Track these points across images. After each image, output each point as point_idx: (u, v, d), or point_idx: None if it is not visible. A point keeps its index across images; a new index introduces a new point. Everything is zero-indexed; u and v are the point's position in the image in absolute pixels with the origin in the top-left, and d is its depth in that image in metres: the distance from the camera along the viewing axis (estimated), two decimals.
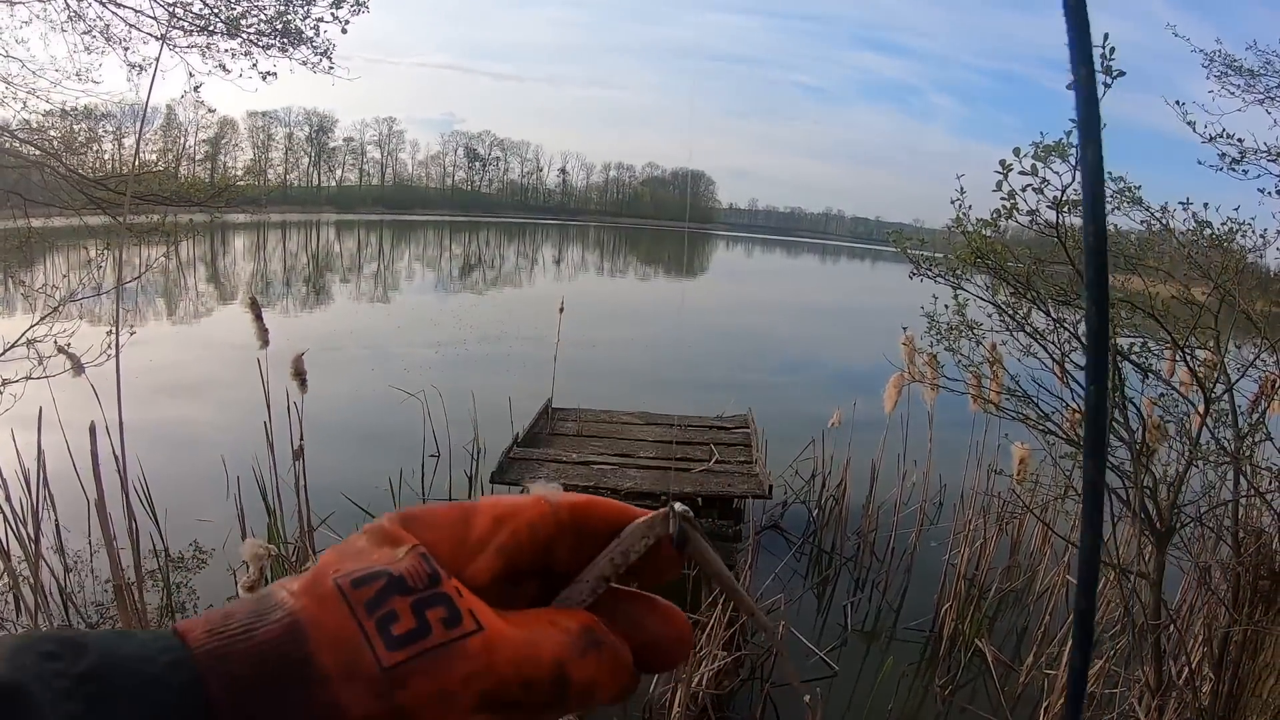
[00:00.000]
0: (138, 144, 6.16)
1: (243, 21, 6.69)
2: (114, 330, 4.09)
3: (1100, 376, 0.39)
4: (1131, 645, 3.71)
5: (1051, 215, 2.85)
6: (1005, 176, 2.74)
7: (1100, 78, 2.23)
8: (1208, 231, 3.28)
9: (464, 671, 0.31)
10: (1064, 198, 2.73)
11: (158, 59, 5.20)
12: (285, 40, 6.76)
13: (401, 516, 0.36)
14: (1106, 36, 2.21)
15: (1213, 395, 3.11)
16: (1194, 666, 3.46)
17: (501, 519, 0.37)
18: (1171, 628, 3.51)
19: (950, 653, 5.27)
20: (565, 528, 0.38)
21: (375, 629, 0.31)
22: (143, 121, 5.31)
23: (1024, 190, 2.76)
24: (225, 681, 0.29)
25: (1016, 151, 2.65)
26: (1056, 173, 2.66)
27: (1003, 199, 2.84)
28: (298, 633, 0.30)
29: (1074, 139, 2.49)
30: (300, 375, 4.95)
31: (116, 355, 3.83)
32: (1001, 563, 6.03)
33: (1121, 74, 2.24)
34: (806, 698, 3.34)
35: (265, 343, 4.84)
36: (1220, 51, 5.84)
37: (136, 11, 6.68)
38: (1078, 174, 2.64)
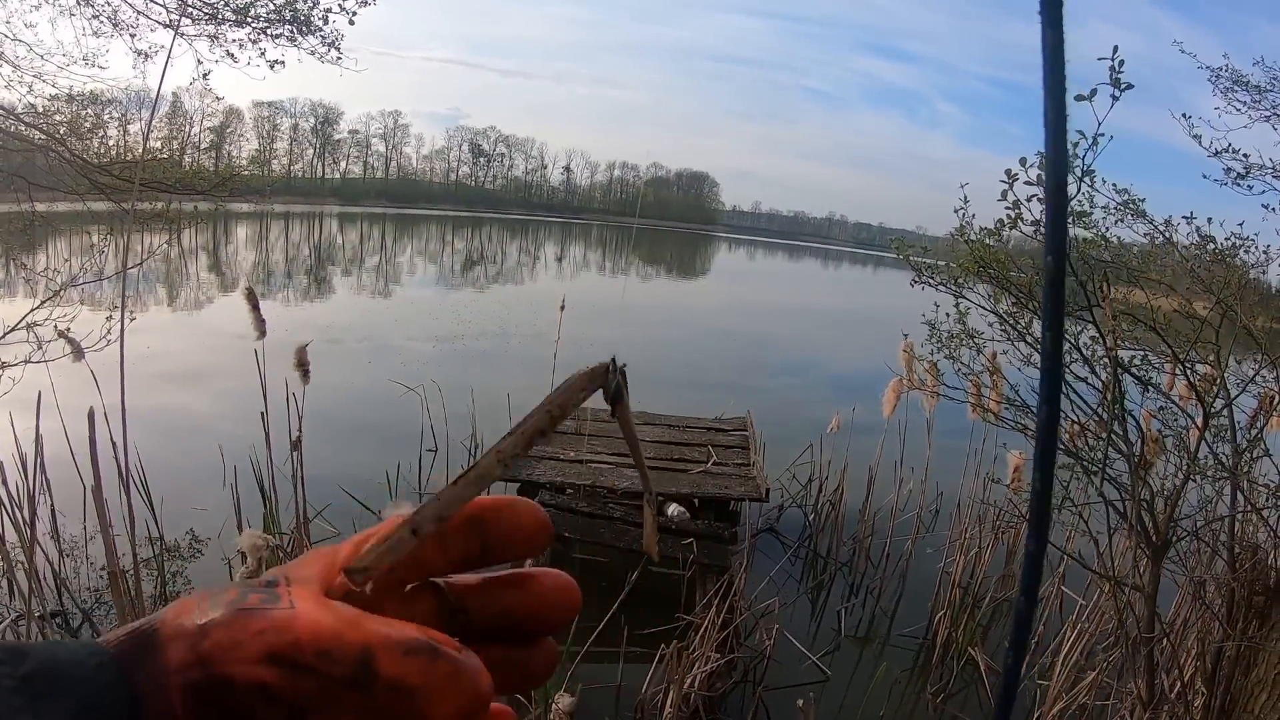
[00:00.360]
0: (148, 129, 6.15)
1: (251, 10, 6.68)
2: (113, 316, 4.10)
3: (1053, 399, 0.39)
4: (1125, 657, 3.71)
5: None
6: (1010, 186, 2.74)
7: (1109, 90, 2.23)
8: (1211, 246, 3.28)
9: (258, 628, 0.34)
10: (1070, 209, 2.73)
11: (170, 47, 5.17)
12: (294, 29, 6.75)
13: (280, 567, 0.39)
14: (1116, 49, 2.21)
15: (1212, 410, 3.11)
16: (1186, 681, 3.46)
17: (360, 542, 0.39)
18: (1165, 641, 3.51)
19: (943, 660, 5.27)
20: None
21: (206, 603, 0.35)
22: (154, 108, 5.29)
23: (1029, 200, 2.76)
24: (118, 663, 0.34)
25: (1023, 161, 2.65)
26: None
27: (1007, 209, 2.84)
28: (154, 617, 0.35)
29: (1080, 150, 2.49)
30: (303, 366, 4.95)
31: (121, 341, 3.82)
32: (996, 572, 6.03)
33: (1129, 86, 2.23)
34: (800, 702, 3.33)
35: (262, 333, 4.84)
36: (1227, 66, 5.84)
37: None
38: (1082, 185, 2.65)
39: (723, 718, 4.53)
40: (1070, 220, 2.78)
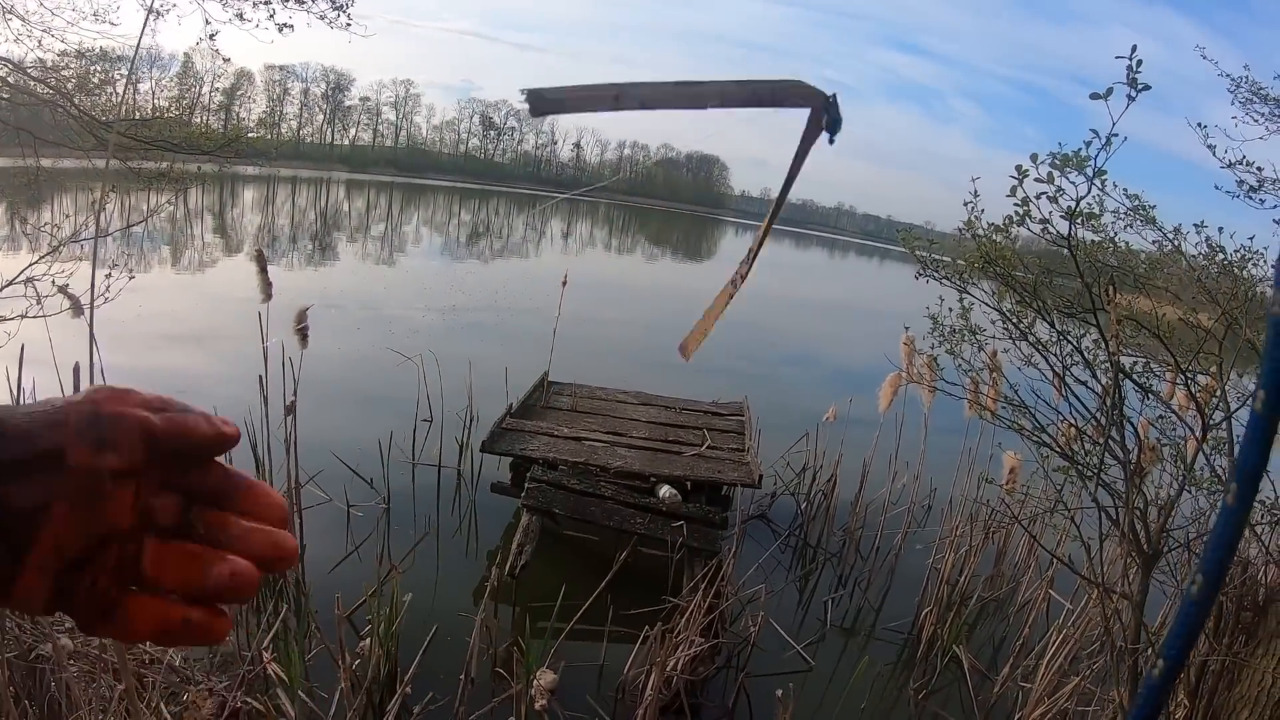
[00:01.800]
0: (131, 75, 6.09)
1: None
2: (112, 274, 4.06)
3: None
4: (1109, 666, 3.70)
5: (1063, 226, 2.81)
6: (1020, 182, 2.70)
7: (1125, 90, 2.19)
8: (1220, 257, 3.24)
9: (135, 397, 0.50)
10: (1078, 209, 2.70)
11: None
12: None
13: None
14: (1134, 48, 2.17)
15: (1211, 422, 3.08)
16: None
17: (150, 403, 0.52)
18: (1150, 651, 3.50)
19: (927, 657, 5.28)
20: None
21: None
22: (134, 55, 5.24)
23: (1038, 198, 2.72)
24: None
25: (1034, 158, 2.61)
26: (1073, 183, 2.62)
27: (1016, 205, 2.80)
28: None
29: (1092, 150, 2.45)
30: (302, 329, 4.93)
31: (91, 301, 3.78)
32: (985, 571, 6.03)
33: (1146, 87, 2.19)
34: (779, 693, 3.33)
35: (268, 296, 4.81)
36: (1247, 78, 5.76)
37: None
38: (1093, 187, 2.61)
39: (705, 702, 4.53)
40: (1080, 222, 2.75)
